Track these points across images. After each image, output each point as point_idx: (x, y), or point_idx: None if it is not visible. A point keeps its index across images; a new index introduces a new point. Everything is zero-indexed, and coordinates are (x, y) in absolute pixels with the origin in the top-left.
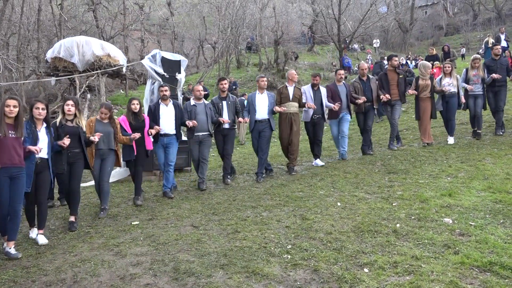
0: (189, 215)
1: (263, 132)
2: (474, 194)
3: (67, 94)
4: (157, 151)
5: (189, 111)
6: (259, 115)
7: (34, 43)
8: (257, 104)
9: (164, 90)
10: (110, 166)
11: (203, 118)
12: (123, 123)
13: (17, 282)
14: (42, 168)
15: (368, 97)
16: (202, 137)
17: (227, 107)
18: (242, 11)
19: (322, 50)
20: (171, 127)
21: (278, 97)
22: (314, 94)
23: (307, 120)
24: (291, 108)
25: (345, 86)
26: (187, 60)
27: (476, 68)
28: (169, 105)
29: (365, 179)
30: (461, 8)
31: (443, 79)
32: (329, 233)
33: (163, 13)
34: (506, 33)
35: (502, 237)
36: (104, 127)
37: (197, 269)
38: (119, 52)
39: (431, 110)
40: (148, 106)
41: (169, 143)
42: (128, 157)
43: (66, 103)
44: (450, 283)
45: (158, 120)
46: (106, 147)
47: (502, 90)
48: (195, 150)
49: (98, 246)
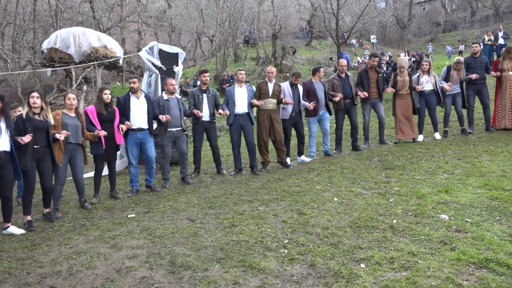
0: (185, 208)
1: (246, 126)
2: (470, 191)
3: (63, 86)
4: (129, 147)
5: (162, 105)
6: (239, 108)
7: (30, 34)
8: (237, 98)
9: (133, 82)
10: (81, 162)
11: (177, 113)
12: (90, 115)
13: (12, 274)
14: (5, 162)
15: (348, 94)
16: (176, 133)
17: (207, 100)
18: (240, 5)
19: (320, 45)
20: (144, 121)
21: (257, 93)
22: (292, 91)
23: (286, 117)
24: (269, 104)
25: (322, 83)
26: (185, 53)
27: (457, 70)
28: (141, 98)
29: (362, 174)
30: (459, 5)
31: (421, 77)
32: (325, 228)
33: (161, 5)
34: (504, 30)
35: (498, 234)
36: (72, 121)
37: (193, 263)
38: (116, 43)
39: (412, 106)
40: (117, 98)
41: (143, 139)
42: (96, 150)
43: (31, 95)
44: (446, 279)
45: (129, 114)
46: (75, 141)
47: (483, 87)
48: (168, 146)
49: (94, 239)
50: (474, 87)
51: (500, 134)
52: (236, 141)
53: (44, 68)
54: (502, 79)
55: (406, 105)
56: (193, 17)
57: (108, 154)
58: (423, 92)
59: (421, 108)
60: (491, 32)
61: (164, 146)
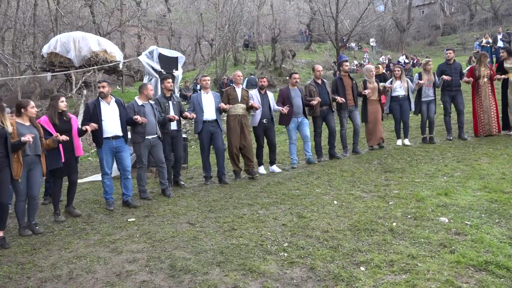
0: (185, 212)
1: (216, 133)
2: (470, 193)
3: (63, 90)
4: (104, 157)
5: (137, 111)
6: (207, 115)
7: (30, 38)
8: (204, 104)
9: (102, 87)
10: (40, 177)
11: (152, 120)
12: (46, 125)
13: (12, 279)
14: None
15: (326, 100)
16: (153, 140)
17: (173, 107)
18: (240, 8)
19: (320, 48)
20: (117, 127)
21: (225, 99)
22: (262, 98)
23: (255, 124)
24: (239, 109)
25: (300, 90)
26: (184, 57)
27: (428, 72)
28: (112, 103)
29: (361, 177)
30: (458, 8)
31: (394, 82)
32: (325, 231)
33: (160, 9)
34: (503, 33)
35: (497, 237)
36: (29, 131)
37: (193, 266)
38: (115, 48)
39: (381, 112)
40: (86, 105)
41: (119, 147)
42: (54, 165)
43: None
44: (446, 282)
45: (100, 121)
46: (33, 153)
47: (459, 94)
48: (145, 155)
49: (94, 243)
50: (450, 94)
51: (499, 137)
52: (206, 148)
53: (44, 72)
54: (479, 86)
55: (376, 111)
56: (193, 21)
57: (68, 167)
58: (397, 97)
59: (395, 113)
60: (489, 35)
61: (141, 156)
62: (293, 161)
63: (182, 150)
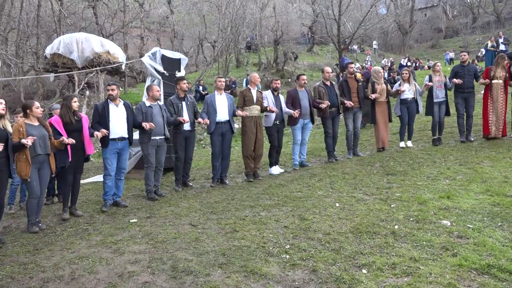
0: (187, 213)
1: (227, 135)
2: (472, 196)
3: (66, 91)
4: (108, 157)
5: (144, 112)
6: (220, 116)
7: (33, 39)
8: (218, 105)
9: (111, 89)
10: (48, 175)
11: (160, 121)
12: (57, 125)
13: (15, 279)
14: None
15: (334, 102)
16: (160, 141)
17: (186, 108)
18: (242, 10)
19: (322, 50)
20: (124, 129)
21: (241, 100)
22: (275, 99)
23: (269, 125)
24: (255, 111)
25: (307, 91)
26: (187, 59)
27: (438, 73)
28: (120, 106)
29: (363, 180)
30: (460, 11)
31: (402, 85)
32: (327, 233)
33: (163, 11)
34: (505, 36)
35: (500, 240)
36: (38, 131)
37: (195, 268)
38: (118, 49)
39: (388, 114)
40: (95, 105)
41: (123, 148)
42: (62, 163)
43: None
44: (448, 285)
45: (108, 122)
46: (44, 152)
47: (471, 96)
48: (152, 154)
49: (96, 243)
50: (463, 96)
51: (502, 140)
52: (218, 149)
53: (47, 73)
54: (492, 87)
55: (384, 113)
56: (195, 23)
57: (75, 166)
58: (405, 100)
59: (403, 115)
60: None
61: (148, 155)
62: (294, 161)
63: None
